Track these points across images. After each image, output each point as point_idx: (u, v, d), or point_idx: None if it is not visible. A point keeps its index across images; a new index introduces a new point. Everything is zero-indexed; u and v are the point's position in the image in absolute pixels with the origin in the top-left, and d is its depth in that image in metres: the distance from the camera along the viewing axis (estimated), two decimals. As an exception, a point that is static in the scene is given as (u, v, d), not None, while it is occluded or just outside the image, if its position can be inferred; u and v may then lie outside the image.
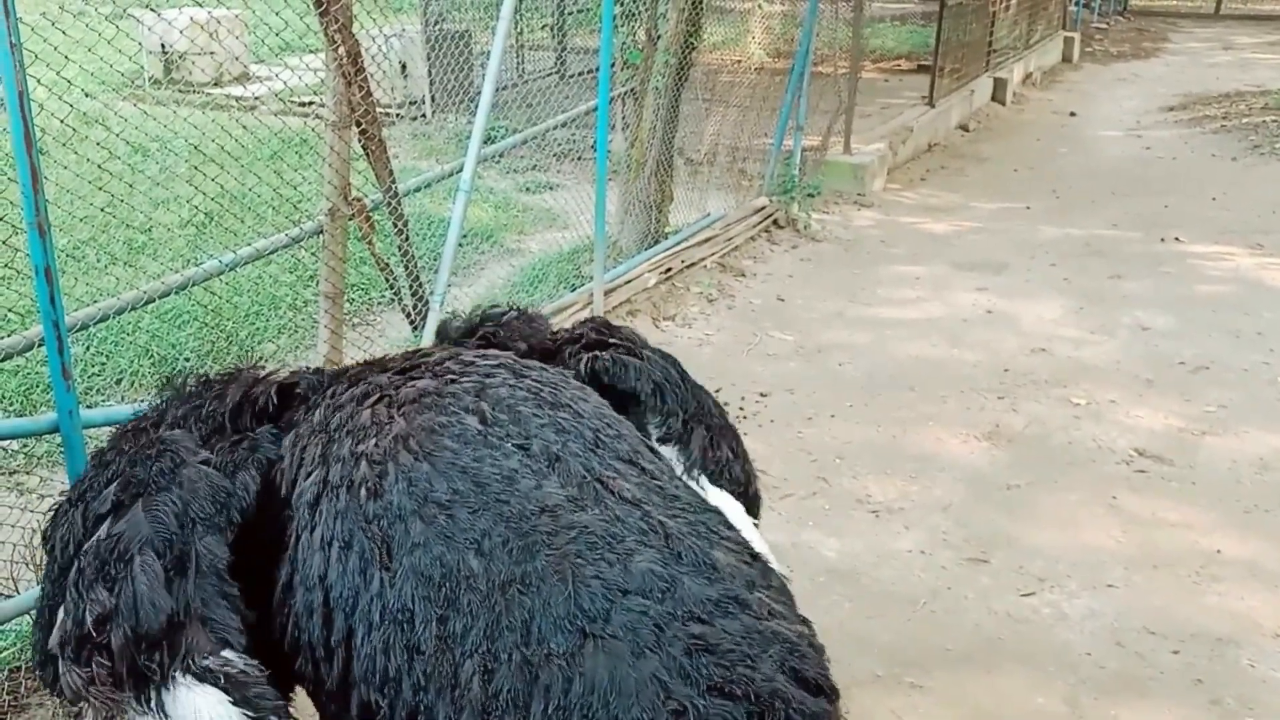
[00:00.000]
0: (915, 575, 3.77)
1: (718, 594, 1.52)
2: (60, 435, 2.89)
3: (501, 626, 1.48)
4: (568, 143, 8.38)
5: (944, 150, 10.33)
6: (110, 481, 1.74)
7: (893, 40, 14.99)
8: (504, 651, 1.47)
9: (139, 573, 1.59)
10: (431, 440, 1.72)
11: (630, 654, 1.42)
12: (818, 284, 6.74)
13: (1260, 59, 15.48)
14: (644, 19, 6.73)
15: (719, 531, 1.68)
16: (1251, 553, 3.90)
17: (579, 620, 1.46)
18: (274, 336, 5.29)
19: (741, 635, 1.48)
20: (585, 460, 1.71)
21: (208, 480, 1.72)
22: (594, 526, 1.58)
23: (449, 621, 1.51)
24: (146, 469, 1.73)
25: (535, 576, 1.51)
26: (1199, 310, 6.26)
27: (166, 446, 1.78)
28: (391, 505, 1.63)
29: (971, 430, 4.81)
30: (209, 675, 1.56)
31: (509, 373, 1.92)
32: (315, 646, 1.64)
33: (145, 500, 1.68)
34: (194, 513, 1.67)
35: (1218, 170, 9.57)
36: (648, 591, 1.49)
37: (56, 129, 5.06)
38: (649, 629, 1.45)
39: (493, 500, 1.62)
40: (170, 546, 1.63)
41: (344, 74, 3.78)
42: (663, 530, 1.60)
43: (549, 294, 5.99)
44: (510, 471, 1.67)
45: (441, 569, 1.55)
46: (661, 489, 1.73)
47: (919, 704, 3.15)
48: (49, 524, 1.82)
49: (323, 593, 1.63)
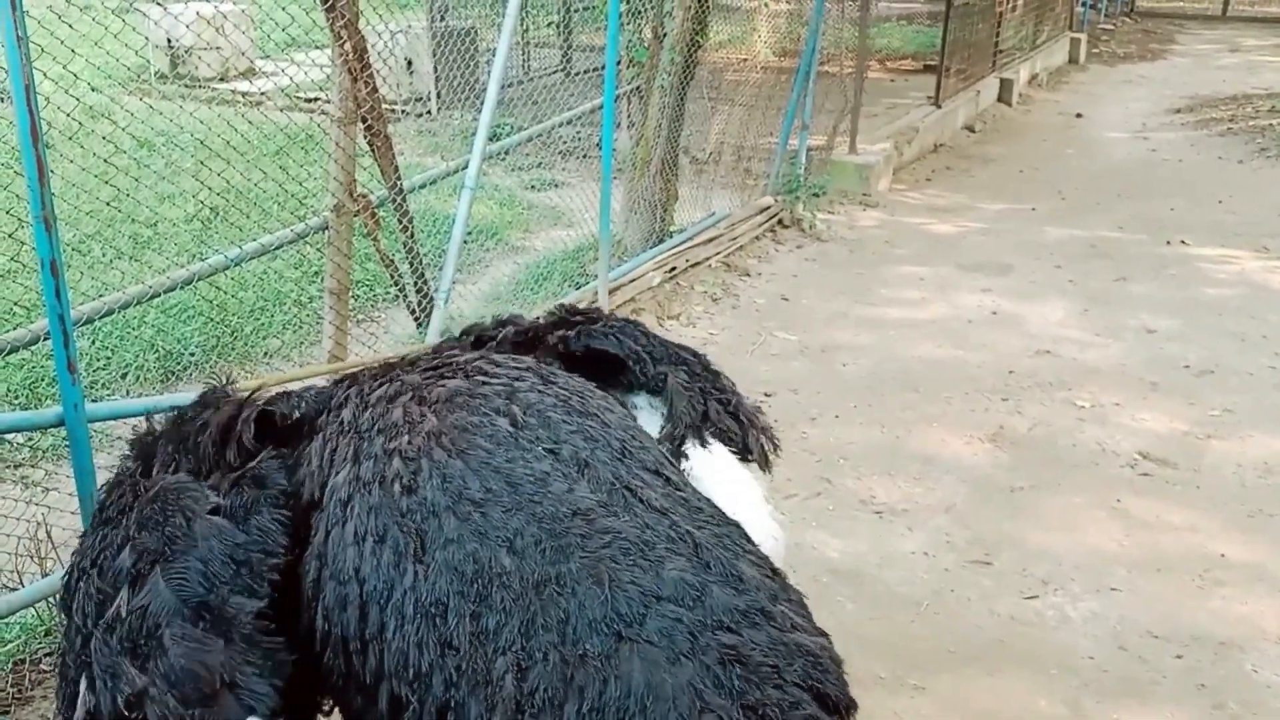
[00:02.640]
0: (918, 577, 3.76)
1: (745, 605, 1.53)
2: (65, 429, 2.90)
3: (537, 625, 1.49)
4: (573, 140, 8.37)
5: (950, 151, 10.32)
6: (122, 547, 1.67)
7: (899, 40, 14.97)
8: (539, 650, 1.46)
9: (171, 646, 1.55)
10: (465, 439, 1.72)
11: (666, 660, 1.43)
12: (822, 284, 6.74)
13: (1268, 61, 15.44)
14: (650, 17, 6.73)
15: (742, 544, 1.69)
16: (1256, 557, 3.90)
17: (615, 624, 1.46)
18: (279, 332, 5.29)
19: (769, 647, 1.48)
20: (614, 468, 1.72)
21: (222, 538, 1.65)
22: (626, 532, 1.58)
23: (482, 618, 1.52)
24: (157, 533, 1.66)
25: (570, 578, 1.52)
26: (1204, 313, 6.25)
27: (171, 502, 1.71)
28: (425, 500, 1.64)
29: (975, 432, 4.81)
30: None
31: (537, 378, 1.93)
32: (350, 640, 1.62)
33: (164, 567, 1.62)
34: (214, 574, 1.61)
35: (1224, 173, 9.55)
36: (680, 599, 1.49)
37: (63, 123, 5.07)
38: (684, 636, 1.45)
39: (526, 500, 1.62)
40: (198, 614, 1.58)
41: (350, 70, 3.78)
42: (691, 539, 1.61)
43: (553, 292, 5.99)
44: (543, 474, 1.67)
45: (475, 565, 1.56)
46: (685, 500, 1.74)
47: (921, 706, 3.15)
48: (63, 591, 1.77)
49: (357, 586, 1.62)
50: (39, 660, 3.16)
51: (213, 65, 10.99)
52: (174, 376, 4.87)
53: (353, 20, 3.75)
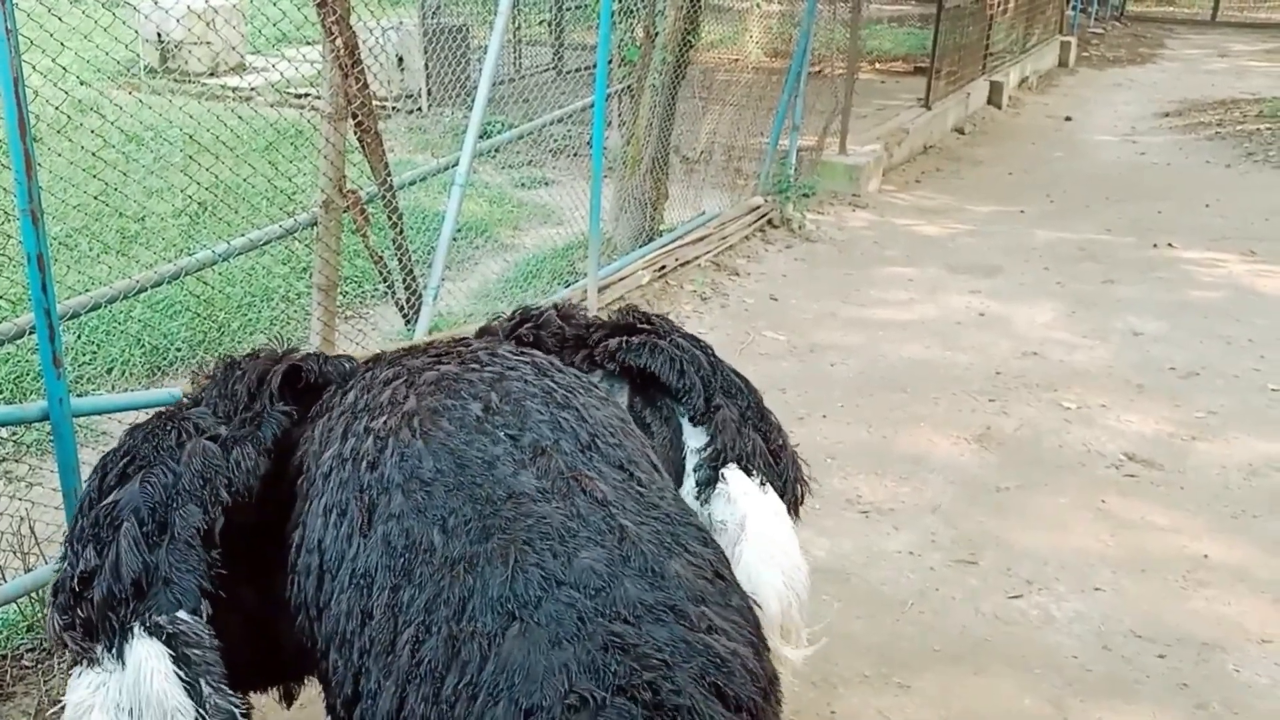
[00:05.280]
0: (904, 576, 3.78)
1: (654, 600, 1.55)
2: (50, 423, 2.88)
3: (440, 600, 1.55)
4: (564, 139, 8.36)
5: (939, 153, 10.35)
6: (125, 454, 1.88)
7: (890, 42, 15.00)
8: (436, 625, 1.53)
9: (122, 538, 1.72)
10: (432, 421, 1.80)
11: (548, 642, 1.47)
12: (811, 284, 6.75)
13: (1256, 66, 15.52)
14: (642, 16, 6.73)
15: (687, 545, 1.69)
16: (1239, 558, 3.92)
17: (510, 604, 1.51)
18: (266, 328, 5.28)
19: (665, 643, 1.50)
20: (571, 459, 1.76)
21: (203, 456, 1.83)
22: (552, 519, 1.63)
23: (400, 590, 1.59)
24: (154, 444, 1.87)
25: (483, 558, 1.57)
26: (1191, 316, 6.28)
27: (178, 424, 1.91)
28: (383, 477, 1.73)
29: (962, 432, 4.82)
30: (158, 630, 1.66)
31: (532, 370, 1.98)
32: (309, 606, 1.73)
33: (144, 473, 1.81)
34: (183, 485, 1.79)
35: (1212, 177, 9.60)
36: (582, 586, 1.53)
37: (51, 116, 5.04)
38: (572, 621, 1.49)
39: (469, 482, 1.69)
40: (153, 515, 1.75)
41: (341, 66, 3.77)
42: (620, 533, 1.64)
43: (543, 290, 5.99)
44: (493, 457, 1.73)
45: (406, 540, 1.63)
46: (642, 496, 1.75)
47: (906, 704, 3.16)
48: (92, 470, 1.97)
49: (319, 556, 1.73)
50: (20, 656, 3.15)
51: (203, 60, 10.95)
52: (160, 372, 4.85)
53: (344, 16, 3.74)
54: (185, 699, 1.63)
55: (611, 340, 2.27)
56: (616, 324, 2.34)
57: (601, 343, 2.29)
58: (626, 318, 2.36)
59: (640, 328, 2.30)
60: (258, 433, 1.93)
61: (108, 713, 1.66)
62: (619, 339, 2.27)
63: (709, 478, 2.10)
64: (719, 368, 2.28)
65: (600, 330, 2.34)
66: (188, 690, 1.63)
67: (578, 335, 2.35)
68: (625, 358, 2.23)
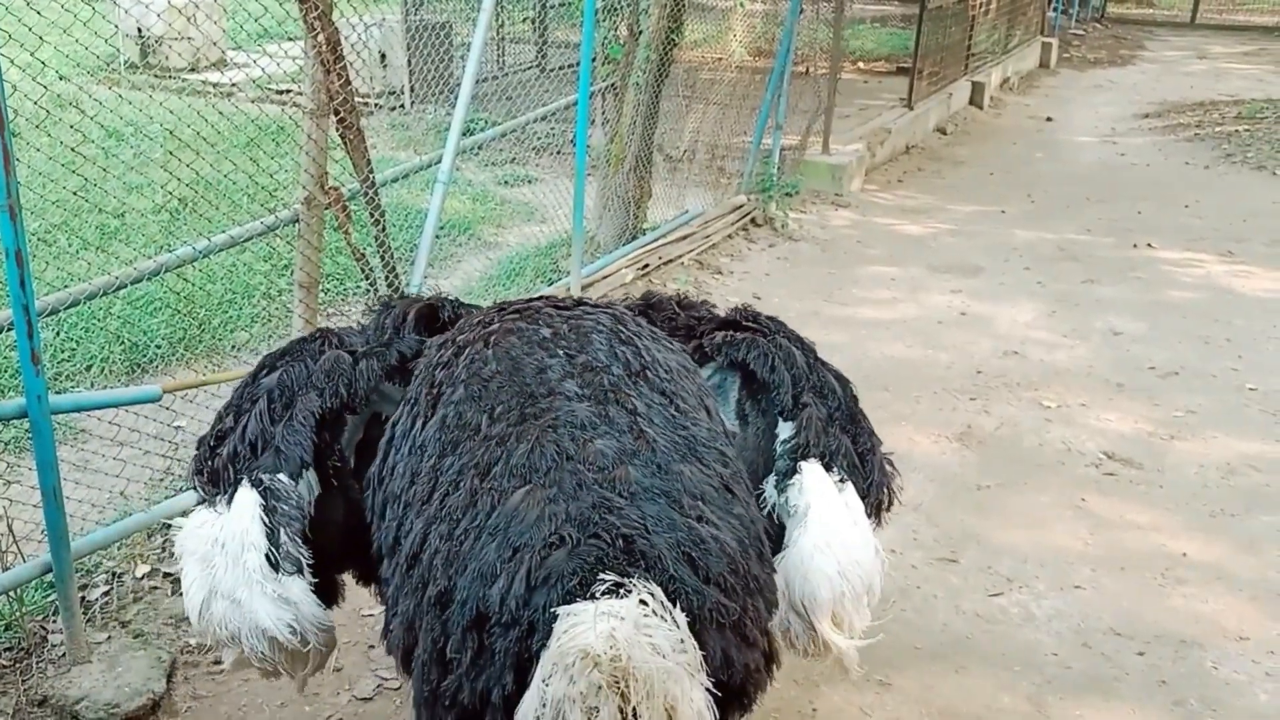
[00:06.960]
0: (885, 574, 3.78)
1: (651, 484, 1.77)
2: (28, 420, 2.86)
3: (472, 465, 1.83)
4: (547, 136, 8.35)
5: (921, 152, 10.39)
6: (281, 353, 2.33)
7: (873, 42, 15.05)
8: (464, 483, 1.82)
9: (251, 411, 2.17)
10: (504, 337, 2.12)
11: (547, 499, 1.72)
12: (794, 283, 6.77)
13: (1234, 68, 15.65)
14: (626, 14, 6.73)
15: (704, 460, 1.88)
16: (1216, 556, 3.96)
17: (525, 471, 1.78)
18: (247, 325, 5.25)
19: (651, 515, 1.71)
20: (616, 379, 2.00)
21: (334, 360, 2.24)
22: (581, 414, 1.89)
23: (445, 458, 1.89)
24: (303, 348, 2.32)
25: (514, 436, 1.84)
26: (1170, 316, 6.33)
27: (326, 337, 2.36)
28: (452, 375, 2.06)
29: (944, 431, 4.85)
30: (259, 484, 2.05)
31: (609, 317, 2.23)
32: (375, 477, 2.08)
33: (287, 365, 2.26)
34: (311, 379, 2.20)
35: (1190, 178, 9.68)
36: (588, 463, 1.78)
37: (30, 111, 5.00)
38: (572, 484, 1.74)
39: (521, 382, 1.98)
40: (281, 396, 2.18)
41: (323, 62, 3.75)
42: (638, 434, 1.86)
43: (526, 288, 5.98)
44: (546, 365, 2.02)
45: (459, 420, 1.94)
46: (674, 419, 1.95)
47: (887, 702, 3.18)
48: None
49: (390, 433, 2.09)
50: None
51: (184, 55, 10.87)
52: (139, 369, 4.82)
53: (326, 12, 3.72)
54: (262, 539, 1.99)
55: (718, 334, 2.41)
56: (725, 319, 2.51)
57: (708, 335, 2.42)
58: (735, 314, 2.52)
59: (746, 325, 2.45)
60: (385, 351, 2.30)
61: (205, 542, 2.06)
62: (725, 333, 2.41)
63: (789, 468, 2.16)
64: (815, 368, 2.40)
65: (710, 323, 2.49)
66: (267, 534, 2.00)
67: (689, 325, 2.51)
68: (727, 351, 2.37)
